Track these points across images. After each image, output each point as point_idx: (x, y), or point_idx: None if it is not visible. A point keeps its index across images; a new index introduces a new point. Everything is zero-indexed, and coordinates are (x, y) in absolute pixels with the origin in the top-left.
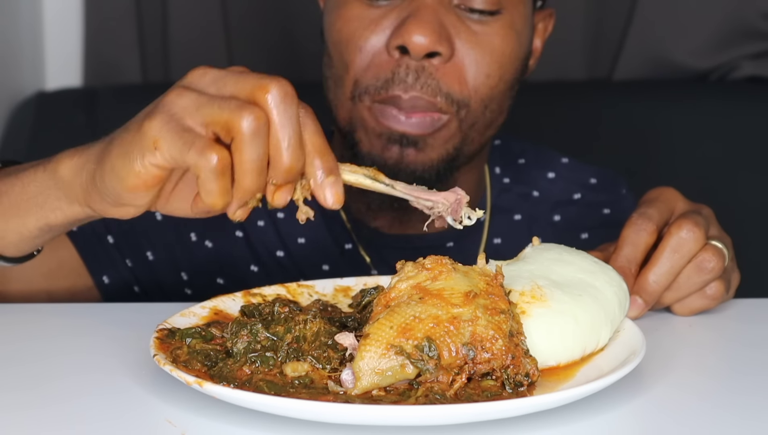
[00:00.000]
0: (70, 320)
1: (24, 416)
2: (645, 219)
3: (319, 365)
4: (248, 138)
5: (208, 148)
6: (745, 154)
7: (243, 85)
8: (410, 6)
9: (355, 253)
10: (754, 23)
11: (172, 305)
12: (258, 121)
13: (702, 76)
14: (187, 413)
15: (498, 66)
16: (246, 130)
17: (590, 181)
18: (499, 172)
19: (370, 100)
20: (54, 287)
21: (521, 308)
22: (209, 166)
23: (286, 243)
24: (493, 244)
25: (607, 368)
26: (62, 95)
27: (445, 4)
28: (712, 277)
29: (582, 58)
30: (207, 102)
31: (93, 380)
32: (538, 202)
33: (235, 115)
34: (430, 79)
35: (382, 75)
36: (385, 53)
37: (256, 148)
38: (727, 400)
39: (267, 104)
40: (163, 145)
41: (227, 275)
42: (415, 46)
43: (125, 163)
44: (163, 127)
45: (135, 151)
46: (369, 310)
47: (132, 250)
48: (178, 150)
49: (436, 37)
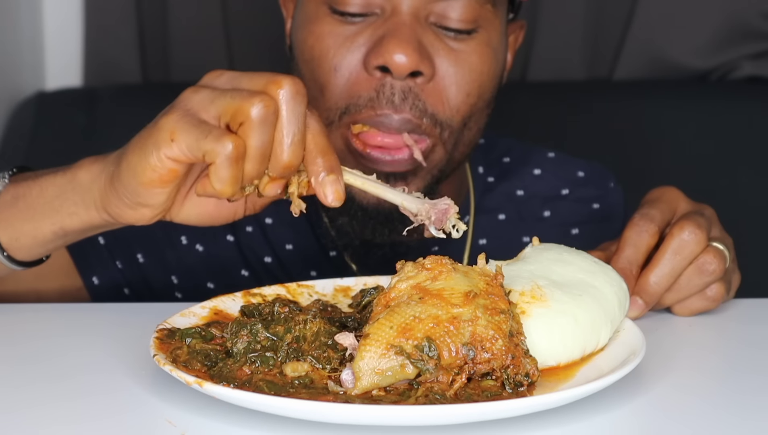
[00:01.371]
0: (70, 320)
1: (24, 416)
2: (647, 220)
3: (319, 365)
4: (256, 124)
5: (224, 135)
6: (745, 154)
7: (257, 81)
8: (386, 23)
9: (340, 261)
10: (754, 23)
11: (172, 305)
12: (267, 109)
13: (702, 76)
14: (187, 413)
15: (477, 85)
16: (255, 116)
17: (578, 175)
18: (482, 172)
19: (350, 120)
20: (43, 287)
21: (521, 308)
22: (225, 153)
23: (274, 249)
24: (479, 244)
25: (607, 368)
26: (62, 95)
27: (422, 22)
28: (713, 279)
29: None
30: (220, 94)
31: (93, 380)
32: (524, 200)
33: (246, 102)
34: (417, 100)
35: (365, 93)
36: (363, 72)
37: (261, 136)
38: (727, 400)
39: (278, 98)
40: (180, 136)
41: (217, 279)
42: (397, 66)
43: (141, 158)
44: (180, 120)
45: (151, 144)
46: (369, 310)
47: (122, 251)
48: (194, 139)
49: (417, 56)
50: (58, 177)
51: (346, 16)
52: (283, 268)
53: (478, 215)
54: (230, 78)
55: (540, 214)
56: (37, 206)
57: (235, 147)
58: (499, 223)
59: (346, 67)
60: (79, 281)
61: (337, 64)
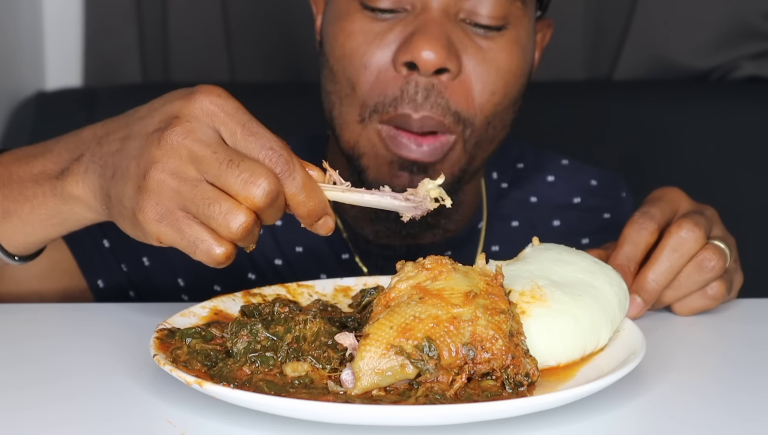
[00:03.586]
0: (71, 320)
1: (24, 416)
2: (647, 218)
3: (319, 365)
4: (241, 237)
5: (212, 248)
6: (745, 154)
7: (231, 181)
8: (416, 20)
9: (351, 263)
10: (754, 23)
11: (172, 305)
12: (247, 224)
13: (702, 76)
14: (187, 413)
15: (503, 83)
16: (261, 203)
17: (591, 183)
18: (496, 177)
19: (378, 119)
20: (47, 289)
21: (521, 308)
22: (215, 263)
23: (284, 251)
24: (492, 251)
25: (607, 368)
26: (62, 95)
27: (452, 19)
28: (713, 277)
29: (582, 58)
30: (190, 197)
31: (93, 380)
32: (536, 208)
33: (224, 222)
34: (439, 97)
35: (390, 92)
36: (392, 69)
37: (249, 240)
38: (727, 400)
39: (277, 172)
40: (168, 241)
41: (224, 282)
42: (424, 63)
43: (138, 237)
44: (160, 225)
45: (140, 234)
46: (369, 310)
47: (128, 254)
48: (184, 247)
49: (445, 53)
50: (47, 197)
51: (377, 12)
52: (293, 271)
53: (491, 221)
54: (195, 158)
55: (551, 222)
56: (35, 223)
57: (225, 255)
58: (512, 229)
59: (375, 64)
60: (83, 283)
61: (367, 61)
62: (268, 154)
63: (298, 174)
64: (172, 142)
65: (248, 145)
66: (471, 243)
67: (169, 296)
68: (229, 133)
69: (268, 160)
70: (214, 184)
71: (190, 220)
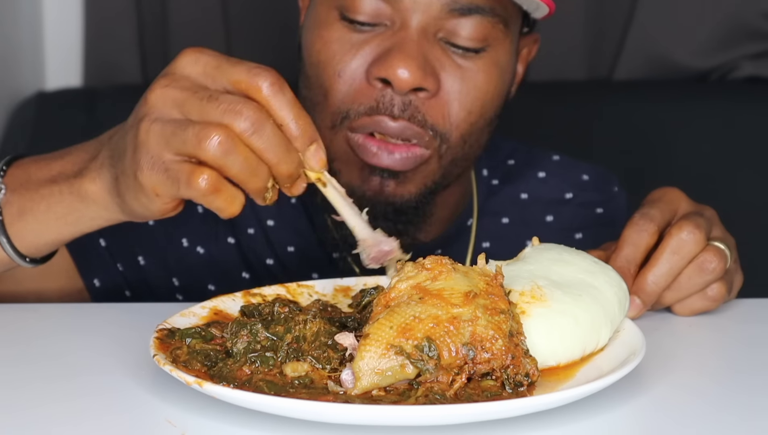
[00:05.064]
0: (70, 320)
1: (24, 416)
2: (646, 219)
3: (319, 365)
4: (220, 158)
5: (193, 175)
6: (745, 154)
7: (236, 79)
8: (394, 36)
9: (343, 263)
10: (754, 23)
11: (172, 305)
12: (225, 143)
13: (702, 76)
14: (187, 413)
15: (480, 104)
16: (213, 154)
17: (582, 178)
18: (486, 174)
19: (348, 126)
20: (44, 288)
21: (521, 308)
22: (201, 192)
23: (276, 251)
24: (482, 247)
25: (607, 368)
26: (62, 95)
27: (430, 38)
28: (714, 278)
29: (582, 58)
30: (171, 133)
31: (93, 380)
32: (528, 204)
33: (200, 143)
34: (416, 112)
35: (365, 101)
36: (365, 81)
37: (234, 163)
38: (727, 400)
39: (263, 98)
40: (161, 190)
41: (218, 282)
42: (399, 81)
43: (145, 206)
44: (152, 174)
45: (143, 198)
46: (369, 310)
47: (124, 254)
48: (174, 190)
49: (420, 73)
50: (64, 194)
51: (356, 24)
52: (285, 270)
53: (481, 218)
54: (202, 78)
55: (543, 218)
56: (50, 222)
57: (208, 181)
58: (503, 226)
59: (349, 73)
60: (80, 283)
61: (341, 70)
62: (257, 72)
63: (288, 92)
64: (155, 94)
65: (235, 70)
66: (461, 240)
67: (164, 295)
68: (213, 66)
69: (258, 76)
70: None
71: (177, 160)
